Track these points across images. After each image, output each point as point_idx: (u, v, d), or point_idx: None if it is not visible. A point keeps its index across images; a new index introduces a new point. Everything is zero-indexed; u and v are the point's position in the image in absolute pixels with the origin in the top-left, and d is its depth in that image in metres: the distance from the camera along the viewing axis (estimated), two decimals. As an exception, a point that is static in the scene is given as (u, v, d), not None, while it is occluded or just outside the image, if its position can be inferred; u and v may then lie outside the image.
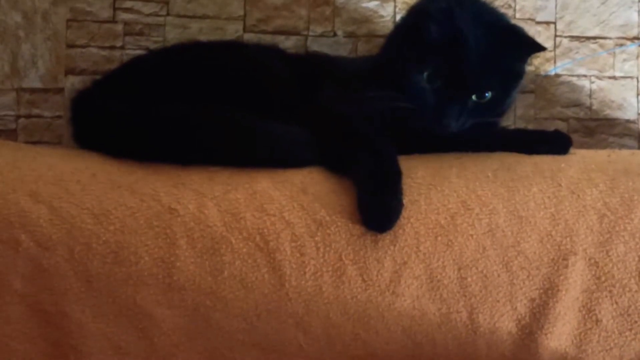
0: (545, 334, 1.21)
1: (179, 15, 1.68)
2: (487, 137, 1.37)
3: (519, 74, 1.36)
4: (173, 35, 1.68)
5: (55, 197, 1.17)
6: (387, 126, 1.27)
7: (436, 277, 1.17)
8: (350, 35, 1.73)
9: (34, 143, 1.62)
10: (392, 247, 1.17)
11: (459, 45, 1.25)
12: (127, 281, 1.17)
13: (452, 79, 1.26)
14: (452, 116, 1.27)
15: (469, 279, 1.18)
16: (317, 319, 1.18)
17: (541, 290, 1.20)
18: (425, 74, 1.27)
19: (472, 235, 1.19)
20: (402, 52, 1.30)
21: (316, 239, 1.16)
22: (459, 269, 1.18)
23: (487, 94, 1.29)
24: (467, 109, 1.28)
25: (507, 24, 1.35)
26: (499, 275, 1.19)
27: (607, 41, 1.80)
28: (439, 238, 1.17)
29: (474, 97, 1.28)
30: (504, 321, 1.20)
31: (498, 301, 1.19)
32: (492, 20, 1.33)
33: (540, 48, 1.31)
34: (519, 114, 1.75)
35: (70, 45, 1.66)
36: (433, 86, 1.27)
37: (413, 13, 1.38)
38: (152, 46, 1.65)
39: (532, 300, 1.20)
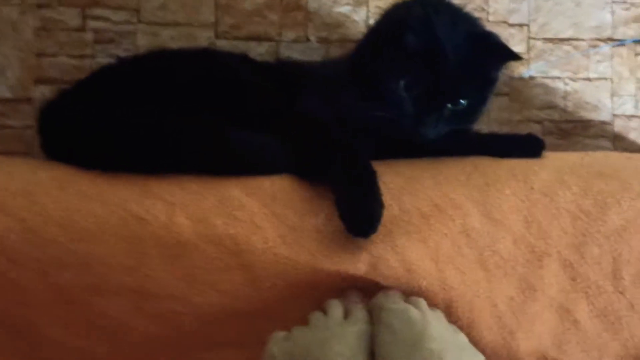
0: (525, 333, 1.21)
1: (149, 23, 1.67)
2: (461, 141, 1.36)
3: (494, 81, 1.36)
4: (144, 42, 1.66)
5: (23, 209, 1.16)
6: (363, 132, 1.27)
7: (413, 268, 1.16)
8: (323, 40, 1.72)
9: (5, 154, 1.60)
10: (366, 244, 1.15)
11: (436, 54, 1.24)
12: (98, 292, 1.16)
13: (430, 87, 1.25)
14: (429, 125, 1.27)
15: (447, 273, 1.18)
16: (293, 316, 1.18)
17: (518, 290, 1.21)
18: (402, 82, 1.25)
19: (446, 234, 1.18)
20: (378, 59, 1.29)
21: (288, 240, 1.15)
22: (436, 264, 1.18)
23: (462, 102, 1.28)
24: (443, 117, 1.28)
25: (483, 32, 1.35)
26: (476, 273, 1.19)
27: (581, 43, 1.80)
28: (414, 236, 1.16)
29: (449, 105, 1.28)
30: (484, 317, 1.20)
31: (477, 297, 1.19)
32: (469, 28, 1.32)
33: (517, 57, 1.30)
34: (493, 117, 1.74)
35: (40, 54, 1.64)
36: (410, 95, 1.26)
37: (388, 20, 1.37)
38: (123, 54, 1.64)
39: (511, 298, 1.21)
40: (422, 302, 1.11)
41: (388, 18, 1.38)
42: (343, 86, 1.34)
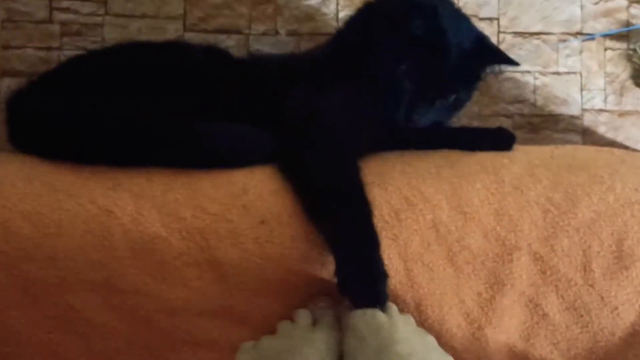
0: (494, 328, 1.21)
1: (117, 15, 1.65)
2: (432, 135, 1.36)
3: (480, 79, 1.37)
4: (112, 35, 1.65)
5: (-12, 201, 1.14)
6: (351, 125, 1.25)
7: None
8: (292, 33, 1.72)
9: (-29, 147, 1.58)
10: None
11: (439, 45, 1.24)
12: (65, 286, 1.15)
13: (428, 77, 1.26)
14: (421, 114, 1.28)
15: (415, 271, 1.18)
16: (263, 320, 1.18)
17: (487, 285, 1.21)
18: (403, 66, 1.26)
19: (416, 230, 1.18)
20: (376, 42, 1.29)
21: (258, 235, 1.14)
22: (405, 262, 1.17)
23: (452, 96, 1.30)
24: (434, 108, 1.30)
25: (479, 33, 1.36)
26: (444, 269, 1.19)
27: (551, 37, 1.80)
28: (384, 232, 1.15)
29: (441, 99, 1.29)
30: (453, 314, 1.20)
31: (445, 294, 1.20)
32: (465, 27, 1.34)
33: (513, 62, 1.33)
34: (463, 111, 1.74)
35: (6, 47, 1.62)
36: (407, 80, 1.26)
37: (389, 4, 1.34)
38: (91, 47, 1.63)
39: (479, 294, 1.21)
40: (392, 307, 1.10)
41: (387, 3, 1.36)
42: (327, 77, 1.33)
